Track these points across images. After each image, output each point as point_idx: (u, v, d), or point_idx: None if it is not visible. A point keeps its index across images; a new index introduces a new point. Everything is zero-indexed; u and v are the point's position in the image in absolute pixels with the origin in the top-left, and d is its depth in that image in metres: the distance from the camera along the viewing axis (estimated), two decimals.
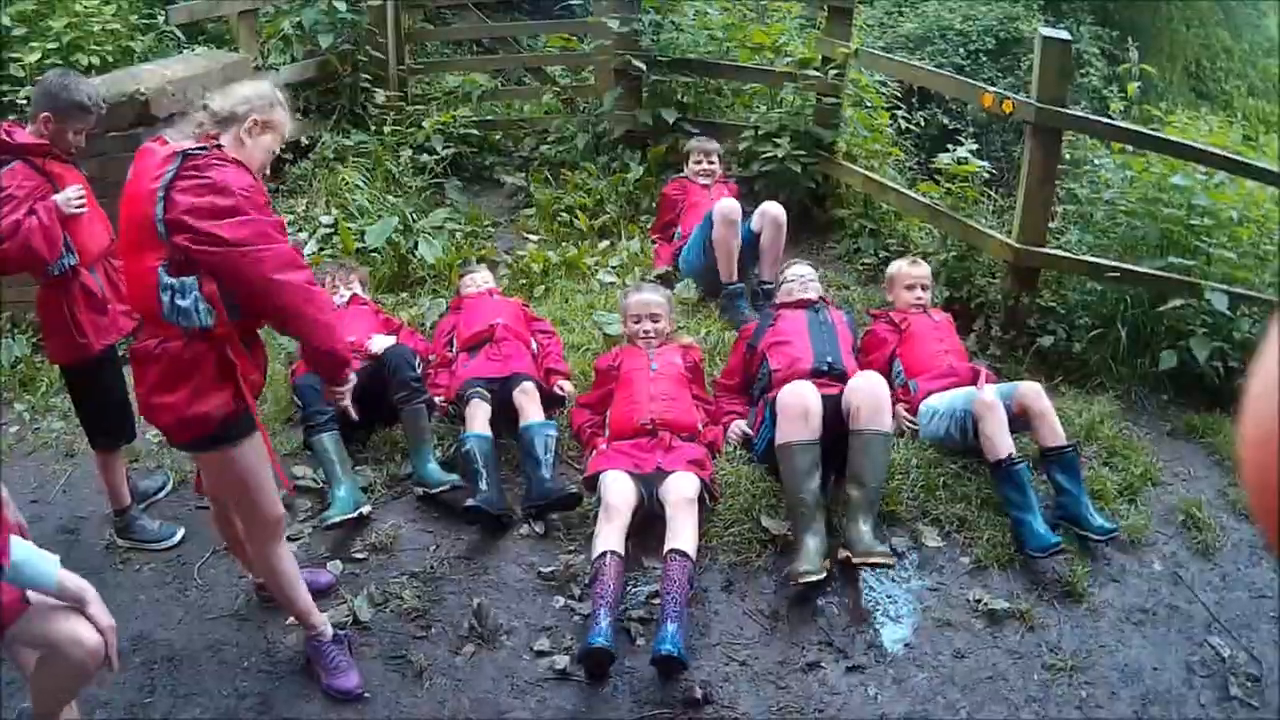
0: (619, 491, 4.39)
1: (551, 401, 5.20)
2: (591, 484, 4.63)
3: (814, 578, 4.16)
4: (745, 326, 5.61)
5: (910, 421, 5.14)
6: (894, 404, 4.95)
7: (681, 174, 7.27)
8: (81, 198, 4.20)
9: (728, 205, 6.25)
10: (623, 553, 4.20)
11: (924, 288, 5.72)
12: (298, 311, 3.29)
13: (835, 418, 4.59)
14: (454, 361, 5.41)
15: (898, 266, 5.90)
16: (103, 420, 4.53)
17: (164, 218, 3.15)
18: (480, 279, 5.98)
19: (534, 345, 5.50)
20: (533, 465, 4.72)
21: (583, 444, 5.08)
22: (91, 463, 4.72)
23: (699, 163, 7.14)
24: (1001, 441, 4.62)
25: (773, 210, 6.31)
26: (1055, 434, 4.72)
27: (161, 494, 4.93)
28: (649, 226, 7.39)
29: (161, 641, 4.06)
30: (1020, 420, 4.83)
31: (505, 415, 5.01)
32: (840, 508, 4.61)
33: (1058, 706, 3.90)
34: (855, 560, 4.29)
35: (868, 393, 4.56)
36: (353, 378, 3.57)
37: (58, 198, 4.12)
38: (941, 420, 4.98)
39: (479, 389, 5.00)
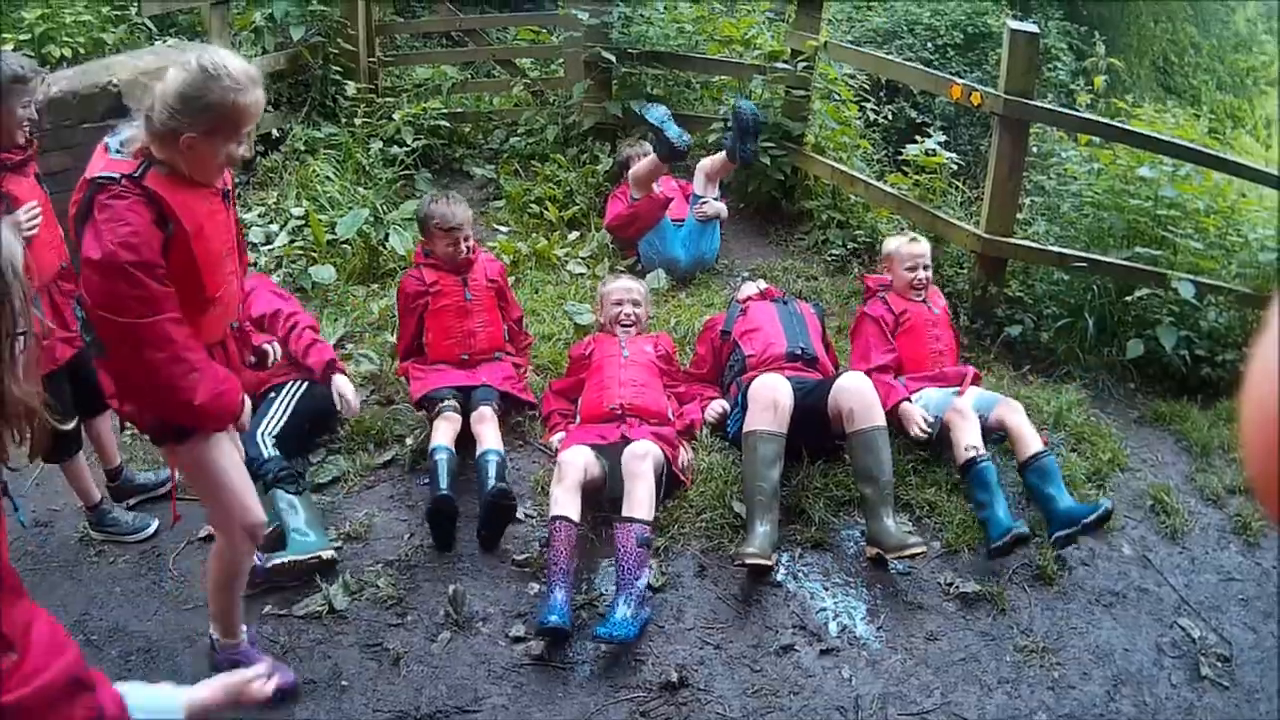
0: (571, 456, 4.37)
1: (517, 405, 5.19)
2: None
3: (759, 562, 4.15)
4: (713, 317, 5.64)
5: (925, 429, 4.86)
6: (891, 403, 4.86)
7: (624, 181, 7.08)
8: (34, 219, 3.93)
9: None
10: (576, 519, 4.18)
11: (925, 267, 5.42)
12: (148, 392, 3.10)
13: (807, 403, 4.63)
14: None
15: (896, 244, 5.53)
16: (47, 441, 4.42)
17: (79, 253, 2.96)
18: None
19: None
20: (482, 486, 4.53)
21: (548, 430, 5.10)
22: None
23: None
24: (965, 446, 4.63)
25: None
26: (1030, 447, 4.66)
27: (161, 490, 4.81)
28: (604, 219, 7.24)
29: (138, 633, 4.05)
30: (998, 432, 4.89)
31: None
32: (807, 492, 4.67)
33: (1030, 687, 3.94)
34: (890, 556, 4.32)
35: (855, 391, 4.55)
36: (246, 413, 3.35)
37: (7, 220, 3.98)
38: None
39: (449, 401, 4.89)
